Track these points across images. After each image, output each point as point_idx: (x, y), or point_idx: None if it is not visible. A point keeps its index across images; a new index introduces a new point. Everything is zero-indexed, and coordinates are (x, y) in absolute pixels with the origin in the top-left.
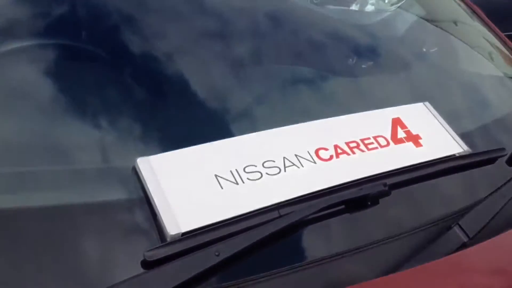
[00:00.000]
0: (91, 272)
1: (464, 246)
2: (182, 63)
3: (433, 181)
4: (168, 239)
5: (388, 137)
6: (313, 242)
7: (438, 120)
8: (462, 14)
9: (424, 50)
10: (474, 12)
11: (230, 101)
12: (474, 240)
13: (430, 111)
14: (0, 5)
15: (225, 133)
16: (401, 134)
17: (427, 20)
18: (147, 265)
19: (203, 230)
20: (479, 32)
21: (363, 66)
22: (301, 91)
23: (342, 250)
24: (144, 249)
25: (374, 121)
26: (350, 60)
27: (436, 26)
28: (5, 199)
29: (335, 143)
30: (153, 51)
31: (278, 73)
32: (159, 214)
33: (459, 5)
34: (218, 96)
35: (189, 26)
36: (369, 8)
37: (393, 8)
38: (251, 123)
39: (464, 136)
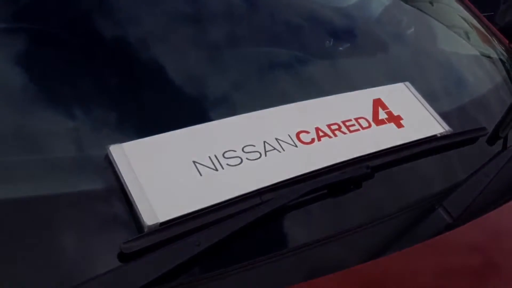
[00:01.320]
0: (65, 266)
1: (448, 227)
2: (156, 47)
3: (416, 163)
4: (146, 230)
5: (370, 118)
6: (296, 228)
7: (419, 100)
8: None
9: (401, 30)
10: None
11: (207, 85)
12: (458, 221)
13: (411, 91)
14: None
15: (203, 118)
16: (382, 115)
17: (403, 0)
18: (124, 257)
19: (182, 219)
20: (455, 11)
21: (340, 48)
22: (279, 74)
23: (326, 235)
24: (121, 241)
25: (355, 103)
26: (327, 42)
27: (412, 6)
28: None
29: (316, 126)
30: (125, 35)
31: (255, 56)
32: (135, 204)
33: None
34: (194, 80)
35: (161, 10)
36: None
37: None
38: (229, 107)
39: (445, 116)
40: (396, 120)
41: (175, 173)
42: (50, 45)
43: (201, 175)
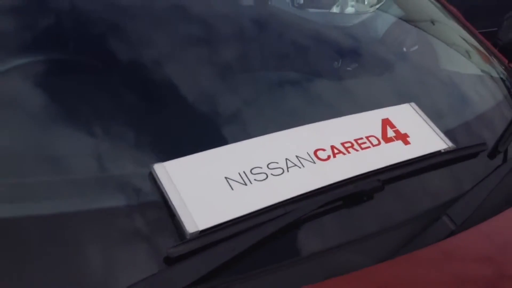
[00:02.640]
0: (120, 268)
1: (452, 233)
2: (193, 76)
3: (422, 176)
4: (188, 237)
5: (379, 136)
6: (316, 235)
7: (423, 119)
8: (438, 14)
9: (405, 50)
10: (450, 11)
11: (234, 108)
12: (461, 228)
13: (416, 111)
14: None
15: (232, 138)
16: (390, 133)
17: (405, 20)
18: (170, 261)
19: (219, 227)
20: (455, 30)
21: (348, 68)
22: (297, 97)
23: (342, 242)
24: (166, 247)
25: (366, 122)
26: (336, 63)
27: (415, 26)
28: (41, 206)
29: (332, 144)
30: (164, 63)
31: (275, 81)
32: (178, 214)
33: (435, 5)
34: (223, 105)
35: (193, 39)
36: (350, 10)
37: (372, 9)
38: (255, 128)
39: (448, 133)
40: (403, 137)
41: (210, 188)
42: (93, 74)
43: (232, 189)
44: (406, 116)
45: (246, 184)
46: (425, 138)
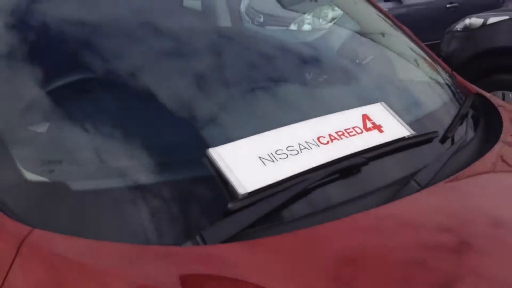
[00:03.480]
0: (195, 219)
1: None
2: (233, 91)
3: (393, 154)
4: (240, 197)
5: (361, 127)
6: (322, 195)
7: (391, 114)
8: (389, 28)
9: (361, 60)
10: (397, 25)
11: (262, 110)
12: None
13: (386, 108)
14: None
15: (261, 129)
16: (369, 124)
17: (360, 34)
18: (230, 213)
19: (258, 191)
20: (404, 42)
21: (319, 79)
22: (303, 101)
23: (338, 200)
24: (226, 204)
25: (351, 117)
26: (308, 74)
27: (368, 38)
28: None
29: (329, 133)
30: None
31: (284, 92)
32: (230, 182)
33: (385, 20)
34: (254, 108)
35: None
36: (307, 27)
37: (328, 26)
38: (276, 122)
39: (410, 124)
40: (378, 127)
41: (249, 164)
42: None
43: (264, 165)
44: (379, 112)
45: (273, 161)
46: (393, 127)
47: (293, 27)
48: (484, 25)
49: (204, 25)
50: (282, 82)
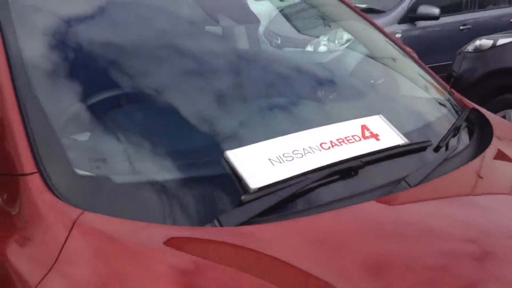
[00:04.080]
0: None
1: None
2: (250, 104)
3: (388, 160)
4: (251, 191)
5: (360, 135)
6: (323, 193)
7: (388, 124)
8: (393, 50)
9: (372, 81)
10: (401, 47)
11: (273, 120)
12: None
13: (383, 119)
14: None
15: (271, 136)
16: (367, 133)
17: (367, 56)
18: (243, 203)
19: (267, 186)
20: (407, 63)
21: (330, 97)
22: (307, 112)
23: (337, 197)
24: (240, 196)
25: (351, 127)
26: (320, 91)
27: (375, 60)
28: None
29: (331, 140)
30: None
31: (298, 105)
32: (244, 178)
33: (391, 44)
34: (265, 119)
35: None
36: (322, 48)
37: (342, 48)
38: (283, 130)
39: (408, 134)
40: (375, 136)
41: (260, 164)
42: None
43: (273, 165)
44: (377, 123)
45: (281, 163)
46: (389, 136)
47: (309, 48)
48: (493, 46)
49: (224, 47)
50: (292, 97)
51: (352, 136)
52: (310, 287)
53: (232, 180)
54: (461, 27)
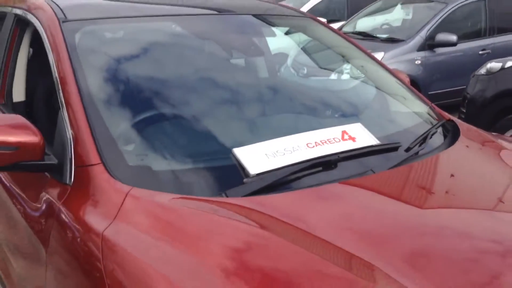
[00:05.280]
0: (227, 185)
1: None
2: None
3: (362, 157)
4: (251, 176)
5: (340, 138)
6: (306, 180)
7: (365, 131)
8: (388, 77)
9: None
10: (396, 75)
11: (271, 129)
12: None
13: (362, 127)
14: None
15: (268, 137)
16: (346, 136)
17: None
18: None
19: (263, 172)
20: (399, 87)
21: (336, 116)
22: (301, 123)
23: (322, 181)
24: (242, 179)
25: (334, 131)
26: (328, 111)
27: (373, 85)
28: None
29: (315, 141)
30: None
31: (295, 118)
32: (246, 167)
33: (386, 72)
34: (265, 126)
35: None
36: (345, 76)
37: (362, 76)
38: (277, 133)
39: (384, 139)
40: (352, 138)
41: (258, 158)
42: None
43: (268, 158)
44: (356, 129)
45: (274, 157)
46: (364, 138)
47: (333, 77)
48: (502, 68)
49: (246, 76)
50: (288, 111)
51: (333, 138)
52: (291, 230)
53: (238, 169)
54: (480, 52)
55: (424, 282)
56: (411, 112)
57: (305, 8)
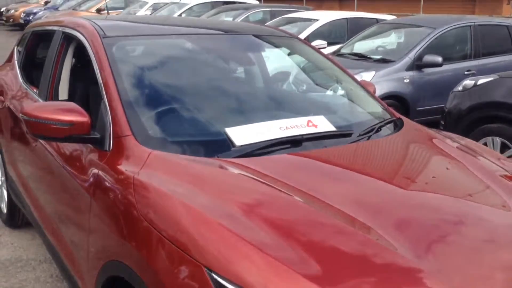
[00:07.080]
0: (221, 151)
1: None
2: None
3: (320, 139)
4: (236, 146)
5: (305, 125)
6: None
7: (326, 120)
8: (354, 85)
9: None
10: (361, 84)
11: (255, 115)
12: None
13: (324, 118)
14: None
15: (251, 122)
16: (310, 124)
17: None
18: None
19: (246, 144)
20: (362, 93)
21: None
22: (277, 114)
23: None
24: (231, 148)
25: (301, 120)
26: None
27: (341, 90)
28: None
29: (286, 126)
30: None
31: (274, 111)
32: (233, 140)
33: (354, 83)
34: (258, 112)
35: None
36: (340, 92)
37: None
38: (260, 119)
39: (338, 126)
40: (315, 126)
41: (244, 134)
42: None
43: (251, 135)
44: (319, 119)
45: (255, 135)
46: (325, 125)
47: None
48: (475, 85)
49: (246, 85)
50: (272, 107)
51: (300, 125)
52: (272, 180)
53: (228, 142)
54: (465, 72)
55: None
56: (368, 111)
57: (308, 31)
